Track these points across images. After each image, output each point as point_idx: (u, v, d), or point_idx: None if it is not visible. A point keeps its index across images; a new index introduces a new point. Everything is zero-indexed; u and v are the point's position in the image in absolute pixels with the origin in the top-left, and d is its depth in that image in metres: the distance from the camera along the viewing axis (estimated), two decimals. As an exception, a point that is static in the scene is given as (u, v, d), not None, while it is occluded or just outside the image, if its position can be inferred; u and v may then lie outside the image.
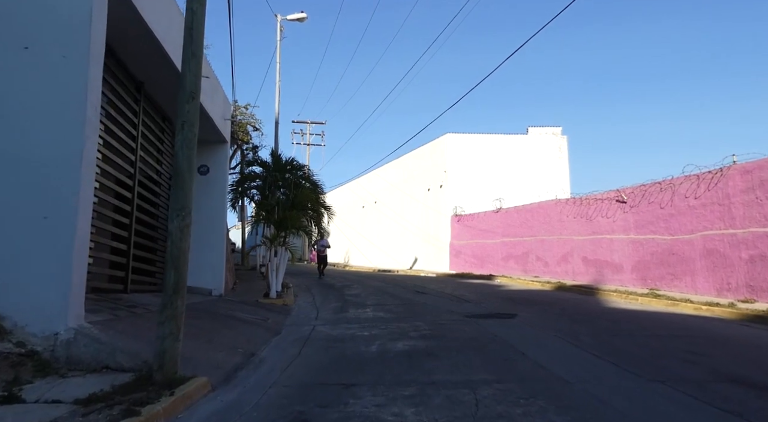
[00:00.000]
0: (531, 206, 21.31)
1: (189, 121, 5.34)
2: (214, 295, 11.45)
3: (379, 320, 9.79)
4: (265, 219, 12.80)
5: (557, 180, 27.02)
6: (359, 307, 11.70)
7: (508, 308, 11.39)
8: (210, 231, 11.71)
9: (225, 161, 12.11)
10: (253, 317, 9.28)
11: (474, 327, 8.78)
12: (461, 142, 27.70)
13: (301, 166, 15.68)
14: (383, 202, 35.08)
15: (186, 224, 5.17)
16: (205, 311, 8.68)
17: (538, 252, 20.47)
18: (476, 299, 13.19)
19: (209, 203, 11.80)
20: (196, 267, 11.30)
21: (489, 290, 16.10)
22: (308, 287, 16.40)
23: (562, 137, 28.24)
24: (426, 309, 11.51)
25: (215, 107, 10.80)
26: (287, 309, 11.34)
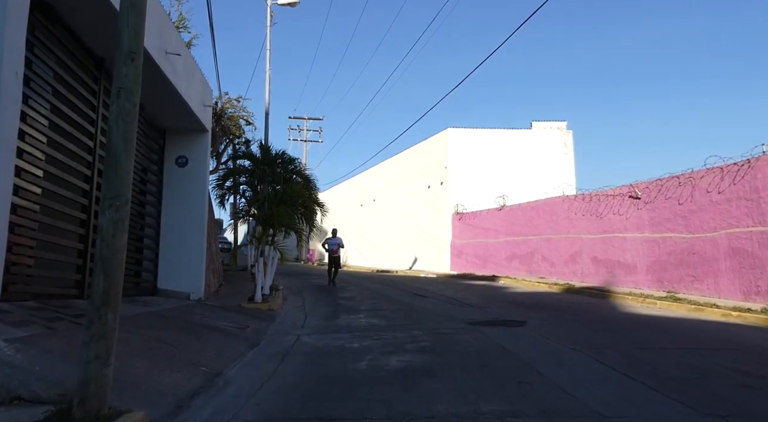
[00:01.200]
0: (536, 203, 20.26)
1: (127, 87, 4.26)
2: (192, 299, 10.42)
3: (372, 328, 8.75)
4: (250, 216, 11.73)
5: (562, 176, 25.92)
6: (352, 313, 10.65)
7: (515, 314, 10.35)
8: (188, 228, 10.68)
9: (205, 152, 11.07)
10: (231, 325, 8.24)
11: (479, 337, 7.73)
12: (463, 137, 26.65)
13: (292, 159, 14.64)
14: (382, 200, 34.04)
15: (121, 217, 4.09)
16: (174, 319, 7.64)
17: (544, 252, 19.42)
18: (480, 303, 12.15)
19: (187, 198, 10.77)
20: (172, 267, 10.31)
21: (493, 293, 15.05)
22: (300, 290, 15.36)
23: (567, 132, 27.20)
24: (425, 314, 10.47)
25: (192, 91, 9.75)
26: (272, 314, 10.29)
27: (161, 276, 10.47)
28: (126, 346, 5.46)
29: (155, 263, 10.47)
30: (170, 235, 10.62)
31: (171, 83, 8.48)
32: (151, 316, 7.35)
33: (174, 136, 10.90)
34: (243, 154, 14.48)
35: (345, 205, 39.86)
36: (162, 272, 10.48)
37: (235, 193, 14.94)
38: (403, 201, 30.91)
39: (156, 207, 10.63)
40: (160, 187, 10.73)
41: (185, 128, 10.83)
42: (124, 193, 4.20)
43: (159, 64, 7.84)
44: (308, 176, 15.55)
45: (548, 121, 27.28)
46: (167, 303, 9.28)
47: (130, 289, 9.62)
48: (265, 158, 14.03)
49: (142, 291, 10.06)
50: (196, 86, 10.08)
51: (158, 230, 10.61)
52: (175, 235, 10.63)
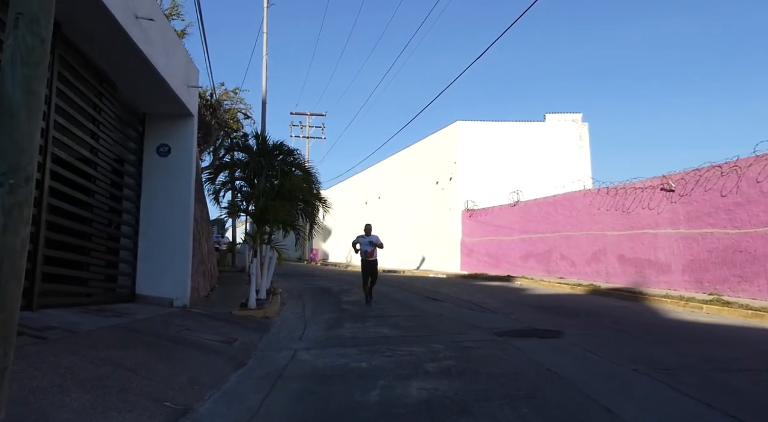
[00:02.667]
0: (554, 198, 18.91)
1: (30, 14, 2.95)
2: (176, 306, 9.14)
3: (382, 340, 7.45)
4: (242, 212, 10.45)
5: (578, 170, 24.57)
6: (358, 320, 9.35)
7: (545, 321, 9.04)
8: (171, 226, 9.40)
9: (191, 140, 9.78)
10: (215, 339, 6.95)
11: (513, 353, 6.42)
12: (472, 130, 25.31)
13: (291, 150, 13.38)
14: (388, 198, 32.73)
15: (17, 201, 2.79)
16: (144, 333, 6.35)
17: (563, 250, 18.07)
18: (501, 308, 10.83)
19: (170, 191, 9.49)
20: (152, 271, 9.05)
21: (512, 295, 13.73)
22: (300, 293, 14.06)
23: (582, 124, 25.82)
24: (442, 322, 9.17)
25: (173, 68, 8.47)
26: (267, 323, 9.01)
27: (140, 281, 9.21)
28: (65, 376, 4.18)
29: (133, 266, 9.20)
30: (151, 234, 9.35)
31: (144, 56, 7.19)
32: (116, 331, 6.07)
33: (155, 122, 9.63)
34: (237, 145, 13.21)
35: (349, 203, 38.57)
36: (141, 276, 9.21)
37: (233, 189, 13.69)
38: (409, 198, 29.60)
39: (134, 202, 9.36)
40: (138, 179, 9.46)
41: (167, 113, 9.55)
42: (23, 167, 2.86)
43: (127, 31, 6.56)
44: (309, 169, 14.31)
45: (562, 113, 25.90)
46: (144, 311, 8.00)
47: (105, 296, 8.37)
48: (261, 149, 12.77)
49: (118, 298, 8.79)
50: (177, 63, 8.79)
51: (137, 228, 9.34)
52: (156, 234, 9.36)
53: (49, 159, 6.30)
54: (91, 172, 7.59)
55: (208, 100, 20.18)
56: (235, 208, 10.55)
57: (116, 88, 8.22)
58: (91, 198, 7.61)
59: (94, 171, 7.67)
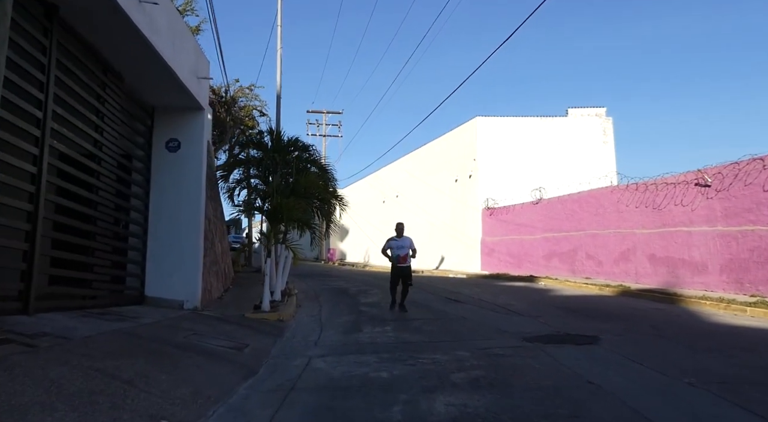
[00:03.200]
0: (579, 195, 18.19)
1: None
2: (186, 309, 8.72)
3: (404, 346, 6.93)
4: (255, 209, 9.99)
5: (602, 167, 23.76)
6: (377, 324, 8.84)
7: (576, 324, 8.44)
8: (181, 224, 8.99)
9: (200, 134, 9.34)
10: (225, 345, 6.49)
11: (547, 362, 5.85)
12: (492, 126, 24.64)
13: (306, 146, 12.91)
14: (405, 196, 32.18)
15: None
16: (148, 339, 5.90)
17: (589, 249, 17.36)
18: (527, 310, 10.23)
19: (180, 188, 9.07)
20: (162, 271, 8.65)
21: (537, 296, 13.10)
22: (317, 294, 13.59)
23: (606, 119, 25.00)
24: (466, 326, 8.61)
25: (181, 58, 8.03)
26: (281, 327, 8.54)
27: (150, 282, 8.80)
28: (51, 391, 3.73)
29: (142, 266, 8.80)
30: (160, 233, 8.94)
31: (149, 42, 6.75)
32: (116, 336, 5.63)
33: (164, 116, 9.22)
34: (251, 142, 12.78)
35: (367, 202, 38.12)
36: (150, 277, 8.81)
37: (249, 187, 13.27)
38: (428, 196, 29.02)
39: (143, 199, 8.96)
40: (147, 175, 9.06)
41: (177, 106, 9.14)
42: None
43: (129, 14, 6.12)
44: (325, 166, 13.83)
45: (586, 108, 25.10)
46: (151, 315, 7.58)
47: (111, 298, 7.97)
48: (276, 145, 12.33)
49: (126, 300, 8.39)
50: (186, 53, 8.36)
51: (146, 227, 8.94)
52: (165, 233, 8.95)
53: (47, 152, 5.89)
54: (94, 167, 7.17)
55: (223, 97, 19.86)
56: (249, 205, 10.11)
57: (122, 79, 7.81)
58: (95, 194, 7.20)
59: (98, 166, 7.26)
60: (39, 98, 5.80)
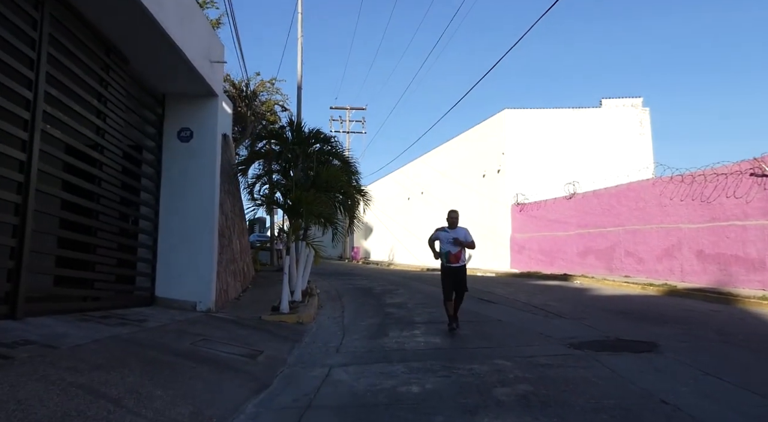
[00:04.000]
0: (617, 189, 17.14)
1: None
2: (199, 311, 8.11)
3: (435, 353, 6.19)
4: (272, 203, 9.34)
5: (638, 160, 22.60)
6: (405, 327, 8.10)
7: (627, 328, 7.57)
8: (194, 220, 8.39)
9: (214, 123, 8.72)
10: (237, 352, 5.82)
11: (604, 373, 5.03)
12: (522, 118, 23.64)
13: (328, 138, 12.22)
14: (431, 193, 31.33)
15: None
16: (149, 347, 5.26)
17: (628, 246, 16.31)
18: (569, 312, 9.36)
19: (192, 181, 8.48)
20: (174, 270, 8.06)
21: (575, 296, 12.18)
22: (339, 294, 12.90)
23: (643, 109, 23.77)
24: (504, 329, 7.81)
25: (191, 39, 7.40)
26: (300, 330, 7.86)
27: (160, 282, 8.22)
28: (15, 415, 3.08)
29: (153, 265, 8.22)
30: (172, 229, 8.35)
31: (152, 17, 6.12)
32: (112, 344, 5.00)
33: (175, 104, 8.63)
34: (270, 133, 12.15)
35: (391, 199, 37.41)
36: (161, 276, 8.22)
37: (270, 182, 12.66)
38: (454, 192, 28.12)
39: (153, 194, 8.38)
40: (158, 168, 8.47)
41: (188, 92, 8.53)
42: None
43: (129, -15, 5.50)
44: (348, 159, 13.14)
45: (621, 98, 23.90)
46: (159, 317, 6.97)
47: (116, 299, 7.40)
48: (296, 137, 11.68)
49: (135, 301, 7.82)
50: (197, 33, 7.73)
51: (156, 223, 8.36)
52: (178, 229, 8.36)
53: (39, 137, 5.29)
54: (96, 156, 6.58)
55: (243, 91, 19.33)
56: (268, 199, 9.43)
57: (126, 60, 7.21)
58: (97, 186, 6.61)
59: (100, 155, 6.67)
60: (28, 77, 5.20)
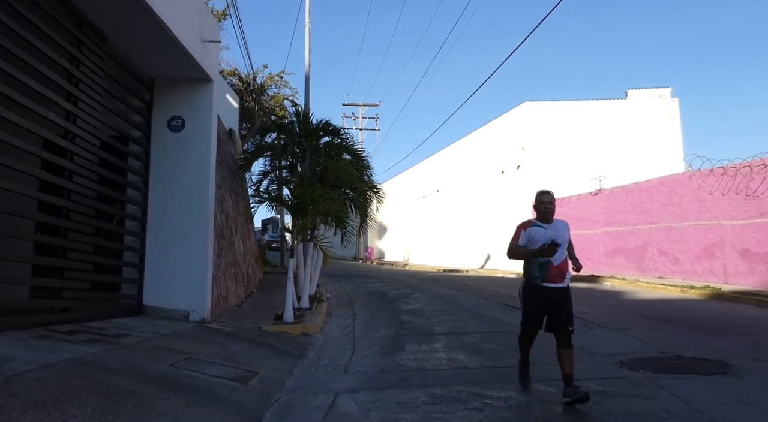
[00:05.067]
0: (648, 184, 15.98)
1: None
2: (193, 320, 7.21)
3: (461, 375, 5.22)
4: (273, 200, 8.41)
5: (667, 153, 21.38)
6: (423, 339, 7.11)
7: (682, 340, 6.54)
8: (187, 218, 7.49)
9: (209, 110, 7.81)
10: (225, 374, 4.89)
11: (676, 408, 4.01)
12: (542, 111, 22.51)
13: (337, 129, 11.30)
14: (447, 190, 30.29)
15: None
16: (118, 371, 4.35)
17: (662, 245, 15.15)
18: (607, 319, 8.31)
19: (185, 176, 7.58)
20: (163, 276, 7.18)
21: (609, 300, 11.10)
22: (351, 299, 11.94)
23: (671, 100, 22.50)
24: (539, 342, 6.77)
25: (179, 13, 6.49)
26: (305, 343, 6.92)
27: (149, 289, 7.33)
28: None
29: (140, 270, 7.33)
30: (162, 230, 7.46)
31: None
32: (70, 369, 4.08)
33: (165, 90, 7.73)
34: (275, 124, 11.25)
35: (406, 198, 36.41)
36: (150, 282, 7.33)
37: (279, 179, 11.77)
38: (471, 190, 27.05)
39: (141, 190, 7.50)
40: (146, 161, 7.59)
41: (179, 76, 7.63)
42: None
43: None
44: (359, 153, 12.20)
45: (648, 89, 22.66)
46: (142, 330, 6.07)
47: (94, 310, 6.50)
48: (304, 129, 10.77)
49: (121, 311, 6.94)
50: (186, 8, 6.81)
51: (144, 222, 7.48)
52: (168, 230, 7.47)
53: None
54: (65, 145, 5.69)
55: (250, 85, 18.49)
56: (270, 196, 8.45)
57: (104, 37, 6.33)
58: (66, 180, 5.73)
59: (71, 144, 5.78)
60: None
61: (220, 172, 10.23)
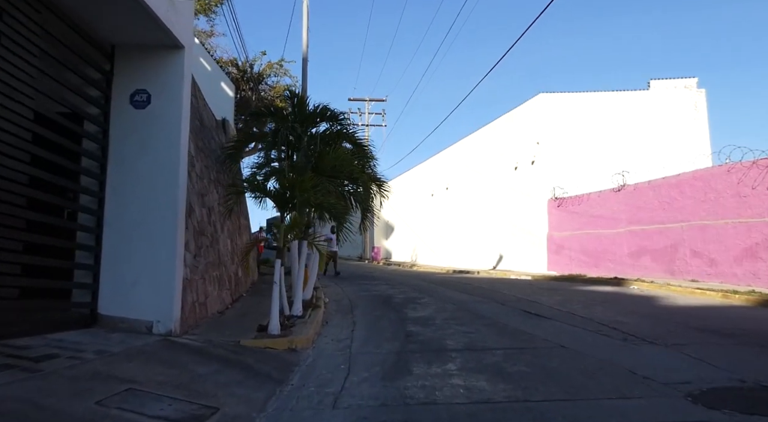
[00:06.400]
0: (679, 178, 14.65)
1: None
2: (157, 333, 6.00)
3: (485, 412, 3.98)
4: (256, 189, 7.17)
5: (693, 147, 20.02)
6: (434, 358, 5.86)
7: (755, 362, 5.25)
8: (152, 213, 6.29)
9: (179, 84, 6.61)
10: (170, 413, 3.69)
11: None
12: (559, 103, 21.18)
13: (336, 114, 10.06)
14: (457, 188, 29.01)
15: None
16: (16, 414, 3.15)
17: (696, 245, 13.81)
18: (652, 332, 7.01)
19: (151, 160, 6.37)
20: (124, 280, 5.98)
21: (646, 308, 9.80)
22: (352, 304, 10.70)
23: (698, 91, 21.10)
24: (575, 363, 5.50)
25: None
26: (290, 363, 5.70)
27: (106, 295, 6.14)
28: None
29: (95, 273, 6.14)
30: (122, 225, 6.27)
31: None
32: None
33: (128, 59, 6.54)
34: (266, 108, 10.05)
35: (414, 196, 35.17)
36: (107, 288, 6.14)
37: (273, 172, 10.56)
38: (482, 187, 25.76)
39: (97, 178, 6.32)
40: (104, 143, 6.40)
41: (144, 42, 6.44)
42: None
43: None
44: (361, 142, 10.97)
45: (672, 79, 21.26)
46: (84, 349, 4.87)
47: (39, 321, 5.32)
48: (300, 114, 9.57)
49: (70, 322, 5.76)
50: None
51: (101, 216, 6.29)
52: (130, 225, 6.28)
53: None
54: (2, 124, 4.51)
55: (247, 73, 17.32)
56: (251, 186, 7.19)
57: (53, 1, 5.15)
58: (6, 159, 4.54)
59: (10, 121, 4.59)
60: None
61: (203, 160, 9.04)
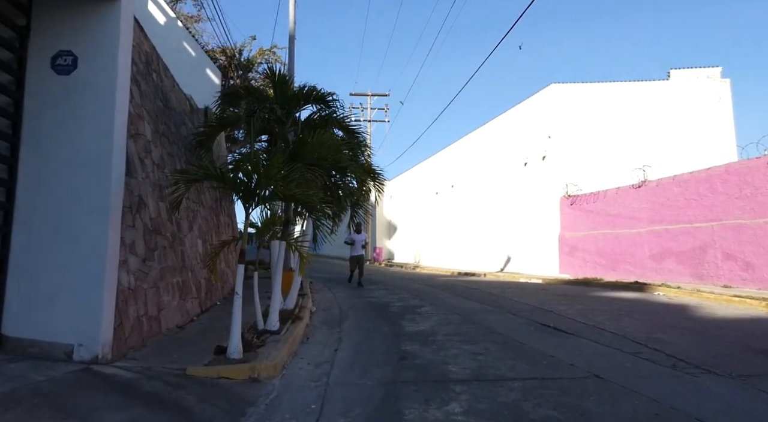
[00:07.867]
0: (709, 173, 13.23)
1: None
2: (78, 360, 4.69)
3: None
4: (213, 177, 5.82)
5: (717, 140, 18.62)
6: (433, 392, 4.50)
7: None
8: (71, 205, 4.97)
9: (113, 44, 5.29)
10: None
11: None
12: (572, 95, 19.78)
13: (323, 96, 8.73)
14: (462, 186, 27.64)
15: None
16: None
17: (729, 247, 12.40)
18: (704, 355, 5.65)
19: (72, 141, 5.06)
20: (34, 292, 4.62)
21: (679, 319, 8.42)
22: (342, 312, 9.35)
23: (722, 81, 19.64)
24: (620, 407, 4.12)
25: None
26: (245, 401, 4.36)
27: (13, 311, 4.83)
28: None
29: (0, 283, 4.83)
30: (36, 223, 4.97)
31: None
32: None
33: (48, 12, 5.24)
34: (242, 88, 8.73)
35: (416, 195, 33.80)
36: (15, 302, 4.83)
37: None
38: (490, 184, 24.38)
39: (6, 162, 5.01)
40: (16, 118, 5.10)
41: (68, -7, 5.14)
42: None
43: None
44: (353, 127, 9.64)
45: (694, 68, 19.82)
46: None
47: None
48: (281, 94, 8.25)
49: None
50: None
51: (10, 210, 4.98)
52: (47, 222, 4.97)
53: None
54: None
55: (235, 59, 16.02)
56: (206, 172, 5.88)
57: None
58: None
59: None
60: None
61: (167, 147, 7.73)
